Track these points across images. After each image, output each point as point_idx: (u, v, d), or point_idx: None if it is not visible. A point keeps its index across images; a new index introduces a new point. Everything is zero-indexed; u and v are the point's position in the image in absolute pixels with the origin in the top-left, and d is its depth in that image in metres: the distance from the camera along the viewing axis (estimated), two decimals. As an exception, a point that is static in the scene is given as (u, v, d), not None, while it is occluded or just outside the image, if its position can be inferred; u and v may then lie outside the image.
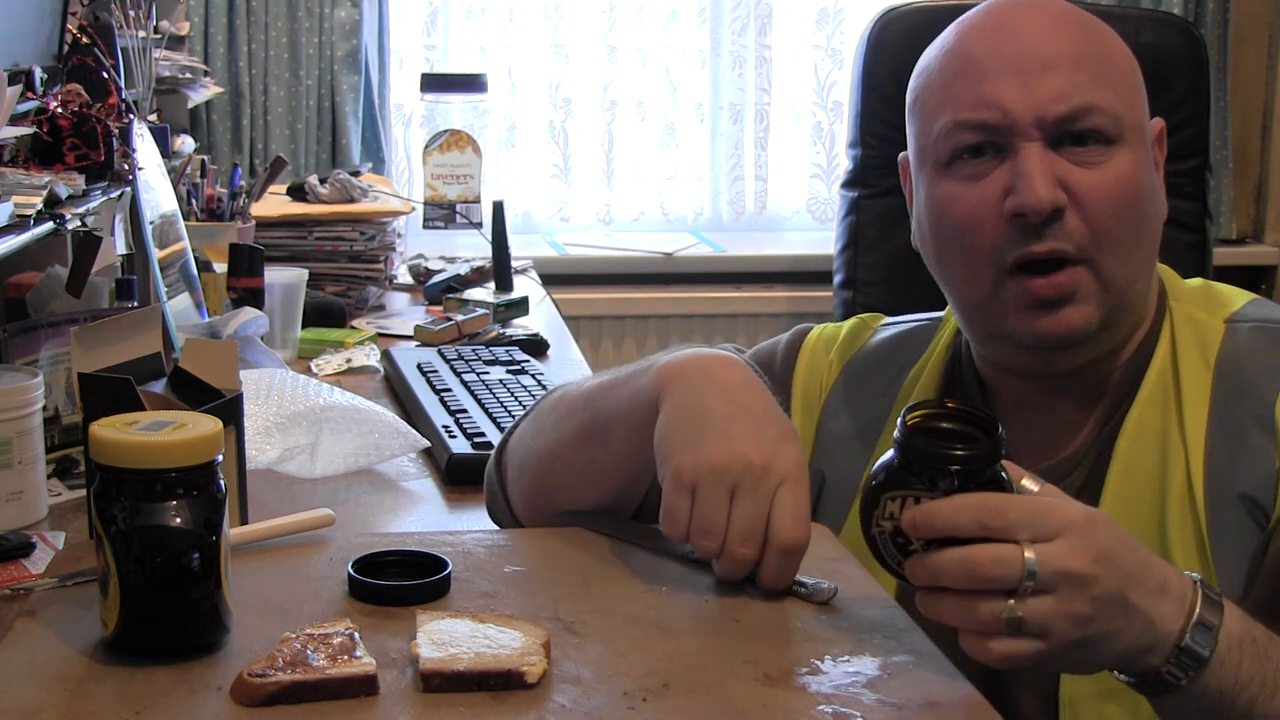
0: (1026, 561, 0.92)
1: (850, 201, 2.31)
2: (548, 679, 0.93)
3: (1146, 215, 1.18)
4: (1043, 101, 1.14)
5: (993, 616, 0.92)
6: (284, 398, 1.53)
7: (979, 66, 1.17)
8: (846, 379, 1.32)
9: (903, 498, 0.96)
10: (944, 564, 0.93)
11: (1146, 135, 1.20)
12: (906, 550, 0.96)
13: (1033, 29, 1.17)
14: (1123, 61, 1.20)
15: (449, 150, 2.66)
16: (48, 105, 1.54)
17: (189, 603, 0.96)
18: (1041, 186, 1.13)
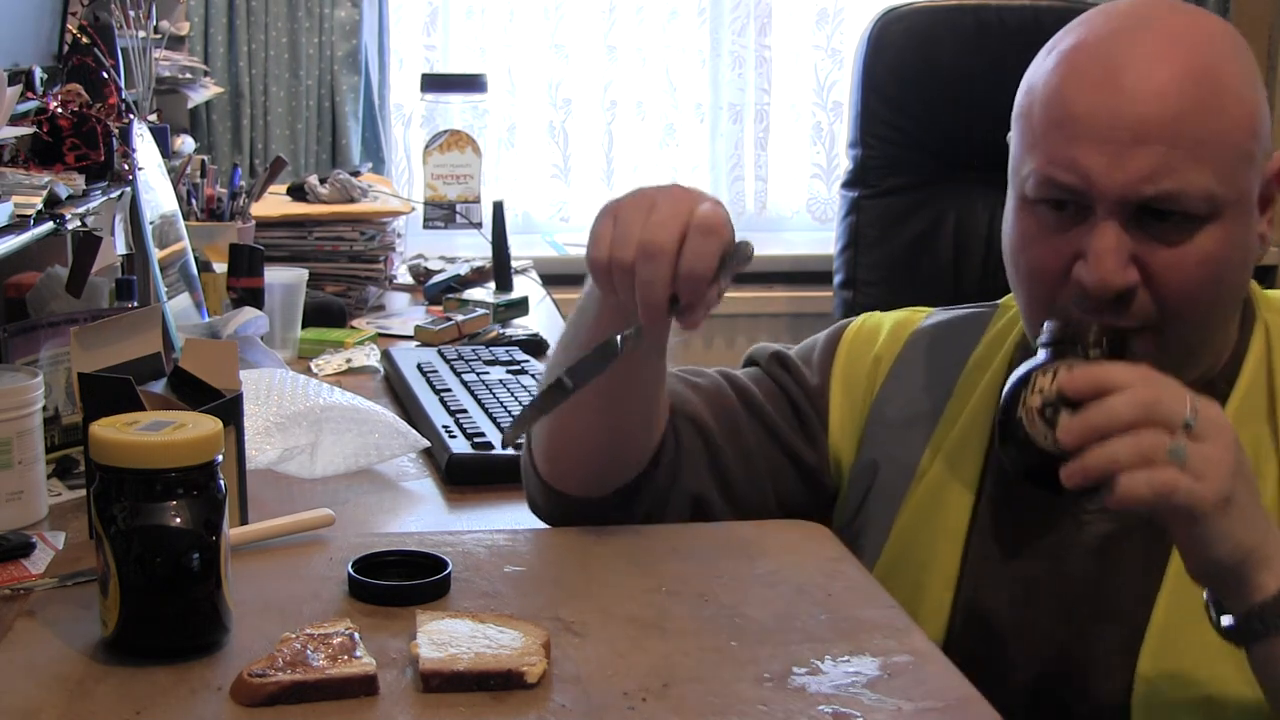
0: (1188, 403, 0.98)
1: (850, 201, 2.30)
2: (548, 679, 0.93)
3: (1227, 285, 1.14)
4: (1130, 182, 1.08)
5: (1160, 445, 0.96)
6: (284, 398, 1.53)
7: (1074, 124, 1.11)
8: (898, 368, 1.30)
9: (1055, 369, 1.01)
10: (1112, 401, 0.97)
11: (1251, 197, 1.13)
12: (1053, 424, 1.00)
13: (1139, 83, 1.09)
14: (1235, 132, 1.10)
15: (449, 150, 2.65)
16: (48, 105, 1.54)
17: (189, 603, 0.96)
18: (1112, 269, 1.09)
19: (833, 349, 1.33)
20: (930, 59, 2.23)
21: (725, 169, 3.39)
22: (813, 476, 1.30)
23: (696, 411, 1.27)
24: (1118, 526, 1.17)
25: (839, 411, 1.30)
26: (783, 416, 1.29)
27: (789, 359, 1.33)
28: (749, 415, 1.28)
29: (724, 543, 1.20)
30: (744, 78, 3.37)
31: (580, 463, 1.23)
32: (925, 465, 1.25)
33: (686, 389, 1.29)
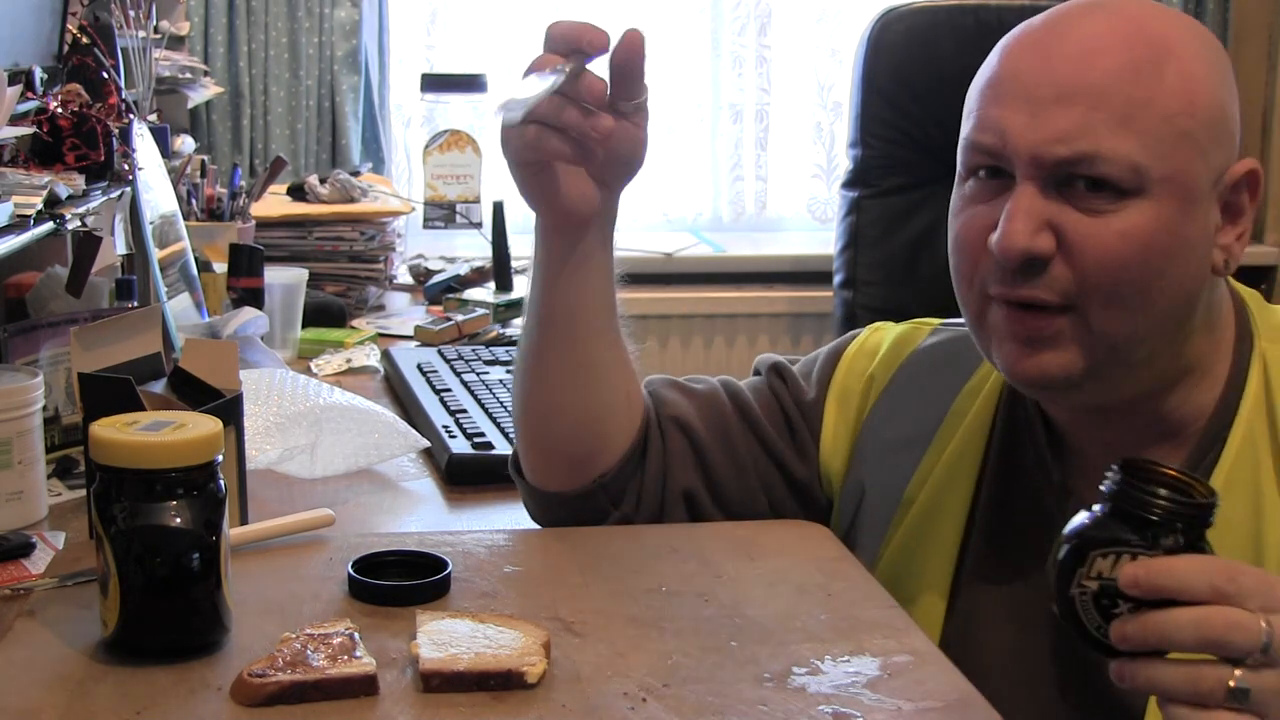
0: (1264, 630, 0.84)
1: (850, 201, 2.31)
2: (548, 679, 0.93)
3: (1159, 273, 1.05)
4: (1042, 139, 1.04)
5: (1219, 684, 0.84)
6: (284, 398, 1.53)
7: (1002, 85, 1.08)
8: (892, 390, 1.27)
9: (1117, 554, 0.88)
10: (1174, 623, 0.85)
11: (1192, 184, 1.06)
12: (1109, 614, 0.88)
13: (1071, 49, 1.06)
14: (1170, 102, 1.04)
15: (449, 150, 2.65)
16: (48, 105, 1.54)
17: (189, 603, 0.96)
18: (1019, 233, 1.04)
19: (834, 363, 1.31)
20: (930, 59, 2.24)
21: (725, 169, 3.39)
22: (803, 490, 1.29)
23: (683, 413, 1.27)
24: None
25: (832, 427, 1.28)
26: (775, 427, 1.28)
27: (787, 371, 1.32)
28: (741, 421, 1.28)
29: (724, 543, 1.20)
30: (744, 78, 3.37)
31: (557, 445, 1.23)
32: (913, 493, 1.22)
33: (678, 394, 1.29)
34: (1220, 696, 0.84)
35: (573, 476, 1.23)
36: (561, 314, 1.19)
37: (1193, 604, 0.85)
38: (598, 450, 1.23)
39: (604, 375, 1.22)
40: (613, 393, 1.23)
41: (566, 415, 1.22)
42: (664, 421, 1.27)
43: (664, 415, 1.27)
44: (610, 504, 1.24)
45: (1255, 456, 1.10)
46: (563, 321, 1.19)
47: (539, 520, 1.28)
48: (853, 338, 1.33)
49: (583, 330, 1.20)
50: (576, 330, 1.20)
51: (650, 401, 1.28)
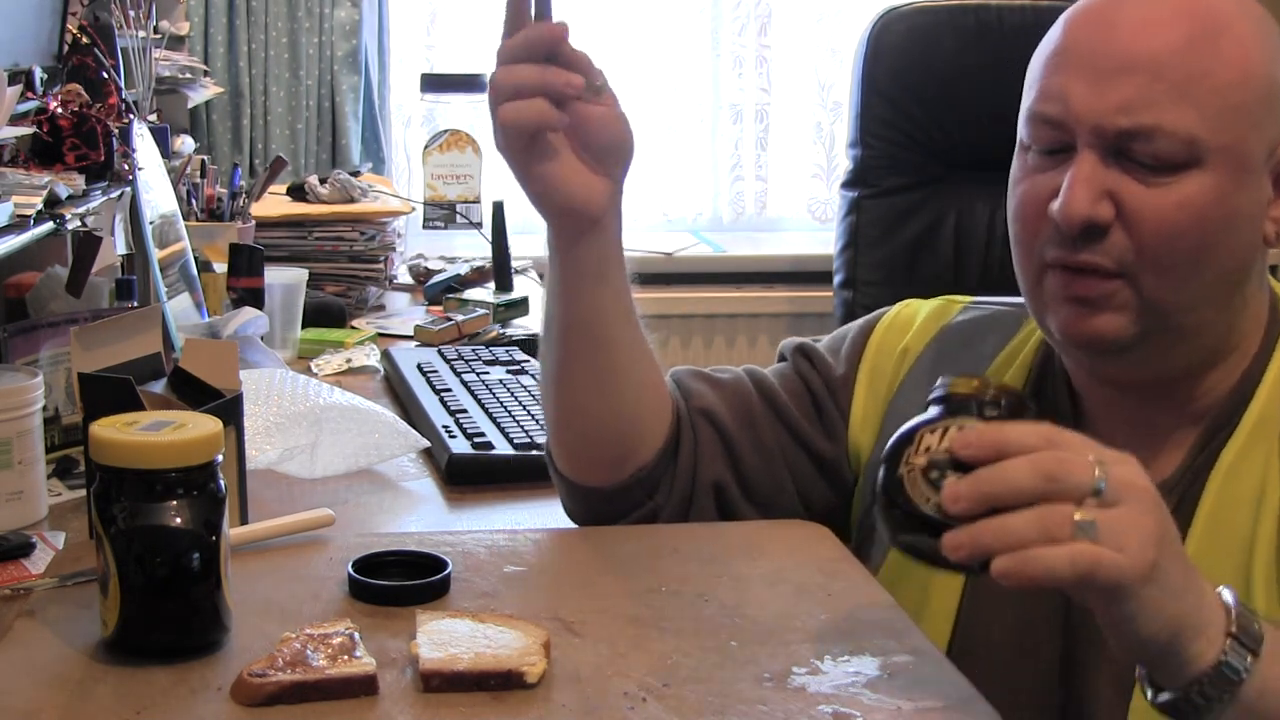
0: (1095, 472, 0.87)
1: (850, 201, 2.31)
2: (548, 679, 0.93)
3: (1214, 242, 1.08)
4: (1105, 110, 1.07)
5: (1065, 518, 0.85)
6: (284, 398, 1.53)
7: (1065, 54, 1.11)
8: (924, 363, 1.28)
9: (945, 428, 0.90)
10: (1009, 467, 0.86)
11: (1248, 155, 1.08)
12: (937, 486, 0.88)
13: (1131, 20, 1.09)
14: (1226, 73, 1.07)
15: (449, 150, 2.65)
16: (48, 105, 1.54)
17: (189, 603, 0.96)
18: (1080, 199, 1.07)
19: (865, 338, 1.31)
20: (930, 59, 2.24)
21: (725, 169, 3.39)
22: (832, 469, 1.28)
23: (710, 404, 1.27)
24: None
25: (862, 403, 1.28)
26: (801, 410, 1.28)
27: (813, 350, 1.32)
28: (766, 408, 1.28)
29: (724, 543, 1.20)
30: (744, 78, 3.37)
31: (593, 447, 1.23)
32: None
33: (704, 385, 1.30)
34: (1067, 528, 0.85)
35: (612, 472, 1.23)
36: (586, 322, 1.19)
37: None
38: (635, 446, 1.23)
39: (634, 375, 1.22)
40: (643, 389, 1.23)
41: (603, 418, 1.22)
42: (693, 414, 1.27)
43: (692, 407, 1.27)
44: (645, 495, 1.24)
45: (1266, 439, 1.12)
46: (588, 329, 1.19)
47: (576, 516, 1.27)
48: (884, 313, 1.34)
49: (608, 335, 1.20)
50: (603, 337, 1.19)
51: (678, 393, 1.28)
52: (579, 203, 1.14)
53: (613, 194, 1.16)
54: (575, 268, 1.17)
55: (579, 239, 1.16)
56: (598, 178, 1.14)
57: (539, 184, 1.13)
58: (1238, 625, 0.92)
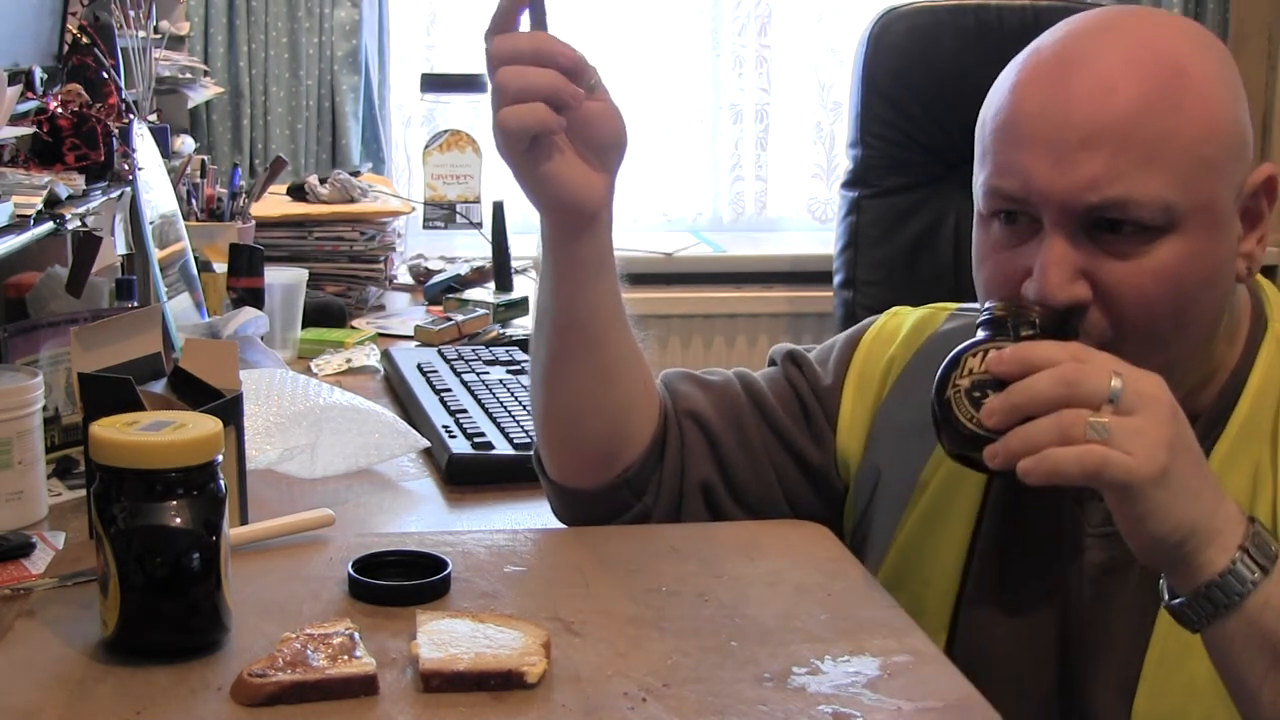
0: (1112, 378, 0.95)
1: (850, 201, 2.31)
2: (548, 679, 0.93)
3: (1194, 303, 1.07)
4: (1073, 189, 1.03)
5: (1080, 420, 0.94)
6: (284, 398, 1.53)
7: (1019, 130, 1.06)
8: (910, 372, 1.27)
9: (984, 350, 1.00)
10: (1034, 380, 0.96)
11: (1218, 208, 1.06)
12: (980, 403, 0.98)
13: (1087, 86, 1.04)
14: (1191, 130, 1.04)
15: (449, 150, 2.65)
16: (48, 105, 1.54)
17: (189, 603, 0.96)
18: (1056, 284, 1.04)
19: (852, 347, 1.31)
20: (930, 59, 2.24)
21: (725, 169, 3.39)
22: (819, 477, 1.29)
23: (697, 405, 1.28)
24: (1116, 553, 1.13)
25: (850, 412, 1.28)
26: (790, 415, 1.28)
27: (803, 358, 1.32)
28: (755, 411, 1.28)
29: (724, 543, 1.20)
30: (744, 78, 3.38)
31: (582, 446, 1.24)
32: (927, 477, 1.23)
33: (693, 387, 1.30)
34: (1082, 430, 0.94)
35: (599, 473, 1.23)
36: (581, 319, 1.19)
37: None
38: (623, 446, 1.23)
39: (625, 372, 1.22)
40: (633, 387, 1.23)
41: (592, 416, 1.22)
42: (680, 415, 1.27)
43: (679, 409, 1.28)
44: (633, 496, 1.24)
45: (1256, 437, 1.11)
46: (583, 326, 1.19)
47: (563, 518, 1.28)
48: (871, 323, 1.34)
49: (602, 332, 1.20)
50: (596, 333, 1.20)
51: (666, 395, 1.29)
52: (578, 199, 1.14)
53: (609, 189, 1.16)
54: (572, 264, 1.17)
55: (577, 235, 1.16)
56: (595, 173, 1.14)
57: (540, 183, 1.13)
58: (1253, 541, 0.97)
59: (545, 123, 1.08)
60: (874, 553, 1.25)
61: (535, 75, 1.07)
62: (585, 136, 1.12)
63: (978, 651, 1.12)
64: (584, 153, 1.13)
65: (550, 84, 1.07)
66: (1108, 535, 1.14)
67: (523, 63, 1.08)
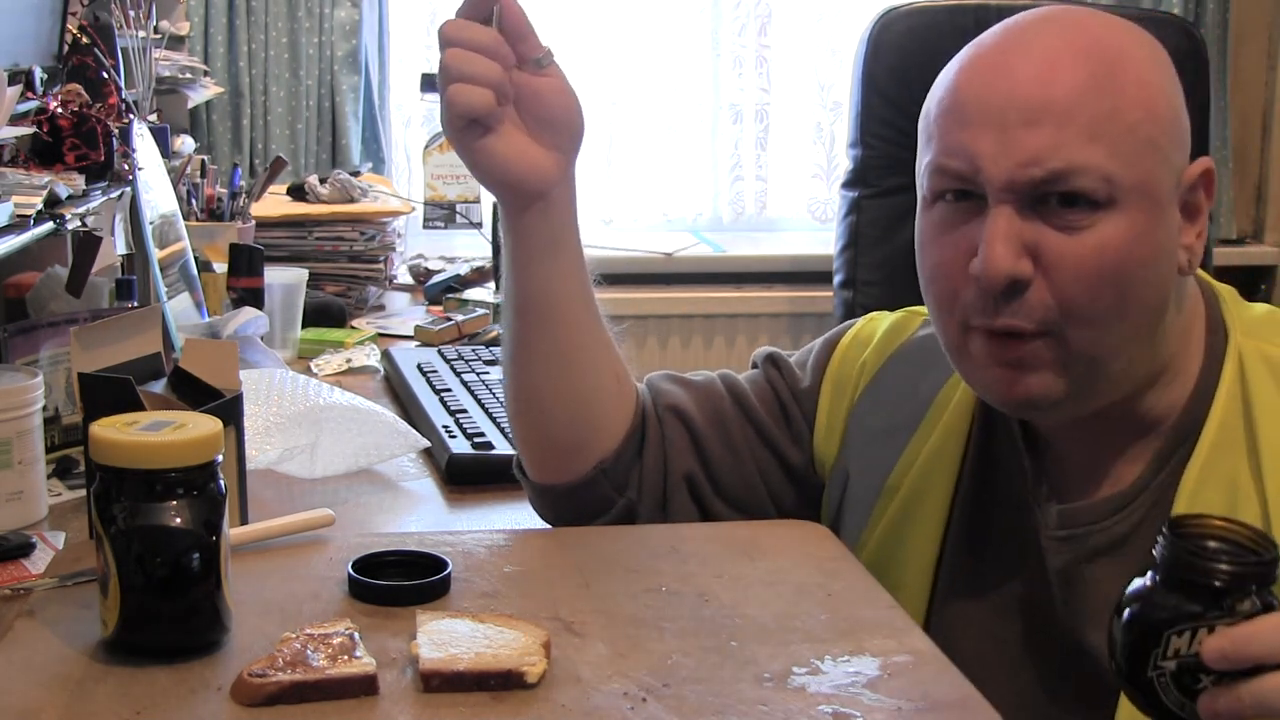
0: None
1: (850, 201, 2.30)
2: (548, 679, 0.93)
3: (1136, 282, 1.07)
4: (1017, 163, 1.04)
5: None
6: (284, 398, 1.53)
7: (964, 110, 1.08)
8: (883, 376, 1.28)
9: (1194, 630, 0.85)
10: (1271, 689, 0.83)
11: (1159, 190, 1.07)
12: (1192, 690, 0.85)
13: (1029, 68, 1.06)
14: (1133, 112, 1.06)
15: (449, 150, 2.65)
16: (48, 105, 1.54)
17: (189, 603, 0.96)
18: (1001, 257, 1.04)
19: (829, 351, 1.32)
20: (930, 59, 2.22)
21: (725, 169, 3.39)
22: (800, 477, 1.30)
23: (679, 402, 1.28)
24: (1075, 556, 1.14)
25: (826, 414, 1.29)
26: (770, 414, 1.29)
27: (782, 360, 1.33)
28: (737, 410, 1.29)
29: (724, 543, 1.20)
30: (744, 78, 3.37)
31: (550, 441, 1.24)
32: (896, 481, 1.23)
33: (676, 385, 1.31)
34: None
35: (572, 466, 1.24)
36: (537, 301, 1.20)
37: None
38: (592, 435, 1.23)
39: (587, 358, 1.22)
40: (598, 375, 1.23)
41: (554, 402, 1.22)
42: (661, 411, 1.28)
43: (661, 405, 1.28)
44: (614, 490, 1.24)
45: (1230, 450, 1.10)
46: (539, 308, 1.20)
47: (547, 518, 1.28)
48: (848, 327, 1.35)
49: (560, 315, 1.20)
50: (554, 315, 1.20)
51: (648, 393, 1.29)
52: (521, 176, 1.15)
53: (561, 169, 1.17)
54: (524, 242, 1.19)
55: (525, 212, 1.17)
56: (544, 151, 1.15)
57: (478, 158, 1.15)
58: None
59: (489, 105, 1.11)
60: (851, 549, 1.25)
61: (483, 64, 1.10)
62: (534, 112, 1.14)
63: (952, 654, 1.11)
64: (533, 129, 1.15)
65: (497, 76, 1.11)
66: (1063, 539, 1.15)
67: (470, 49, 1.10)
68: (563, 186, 1.18)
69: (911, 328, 1.31)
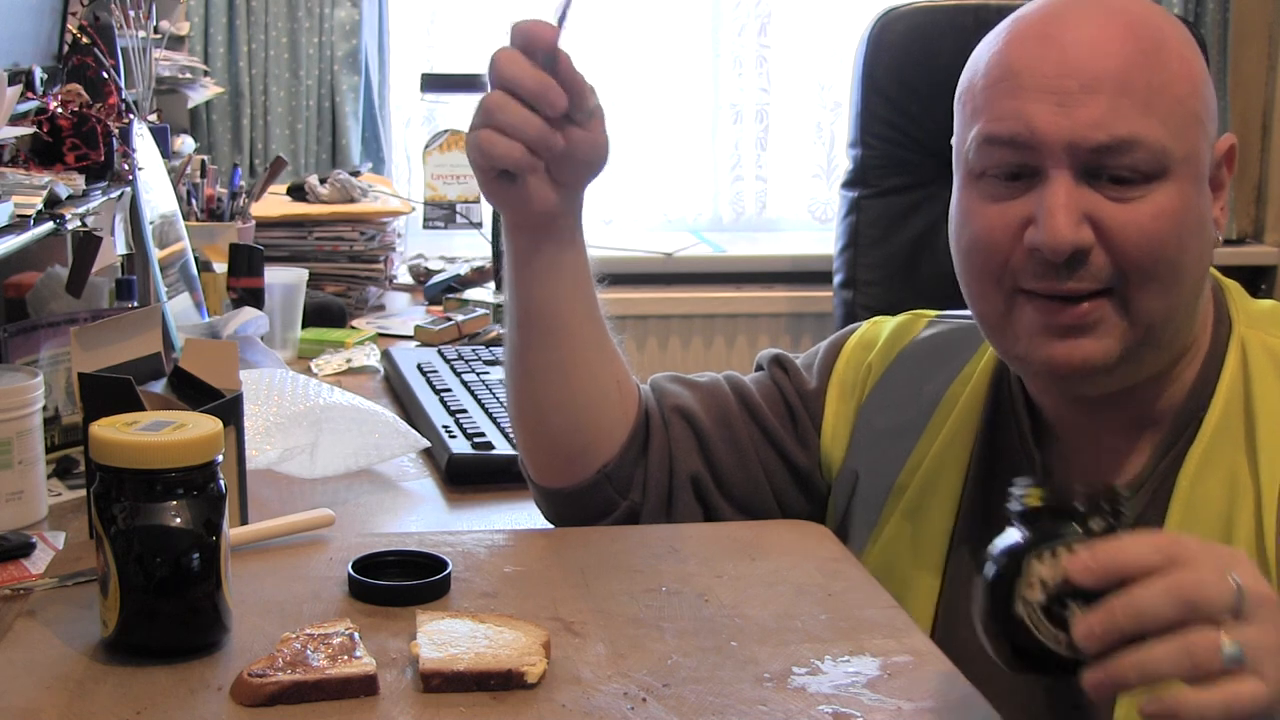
0: (1232, 585, 0.80)
1: (850, 201, 2.31)
2: (548, 679, 0.93)
3: (1188, 249, 1.09)
4: (1078, 127, 1.05)
5: (1212, 646, 0.79)
6: (284, 398, 1.53)
7: (1017, 79, 1.08)
8: (890, 377, 1.29)
9: (1054, 550, 0.82)
10: (1144, 595, 0.80)
11: (1201, 162, 1.10)
12: (1064, 620, 0.81)
13: (1081, 39, 1.08)
14: (1180, 86, 1.08)
15: (449, 150, 2.65)
16: (48, 105, 1.54)
17: (189, 603, 0.96)
18: (1065, 225, 1.05)
19: (835, 354, 1.32)
20: (930, 59, 2.24)
21: (725, 169, 3.39)
22: (805, 479, 1.30)
23: (684, 402, 1.28)
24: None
25: (833, 417, 1.29)
26: (777, 416, 1.29)
27: (789, 362, 1.33)
28: (743, 410, 1.29)
29: (724, 543, 1.20)
30: (744, 78, 3.37)
31: (552, 448, 1.24)
32: (905, 480, 1.24)
33: (681, 386, 1.31)
34: (1217, 660, 0.79)
35: (575, 471, 1.24)
36: (538, 313, 1.20)
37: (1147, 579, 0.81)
38: (594, 442, 1.23)
39: (589, 368, 1.22)
40: (600, 384, 1.23)
41: (556, 411, 1.22)
42: (666, 412, 1.28)
43: (666, 406, 1.28)
44: (617, 494, 1.24)
45: (1230, 439, 1.11)
46: (540, 320, 1.20)
47: (552, 519, 1.28)
48: (853, 330, 1.35)
49: (561, 327, 1.20)
50: (555, 327, 1.20)
51: (653, 395, 1.29)
52: (532, 210, 1.15)
53: (572, 200, 1.17)
54: (526, 261, 1.19)
55: (529, 230, 1.18)
56: (560, 187, 1.15)
57: (494, 191, 1.15)
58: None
59: (518, 163, 1.10)
60: (854, 550, 1.25)
61: (524, 119, 1.08)
62: (565, 162, 1.13)
63: (960, 651, 1.12)
64: (556, 173, 1.14)
65: (535, 133, 1.09)
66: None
67: (520, 96, 1.08)
68: (569, 213, 1.18)
69: (917, 329, 1.32)
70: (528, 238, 1.18)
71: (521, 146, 1.09)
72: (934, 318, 1.33)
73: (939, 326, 1.32)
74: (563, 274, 1.19)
